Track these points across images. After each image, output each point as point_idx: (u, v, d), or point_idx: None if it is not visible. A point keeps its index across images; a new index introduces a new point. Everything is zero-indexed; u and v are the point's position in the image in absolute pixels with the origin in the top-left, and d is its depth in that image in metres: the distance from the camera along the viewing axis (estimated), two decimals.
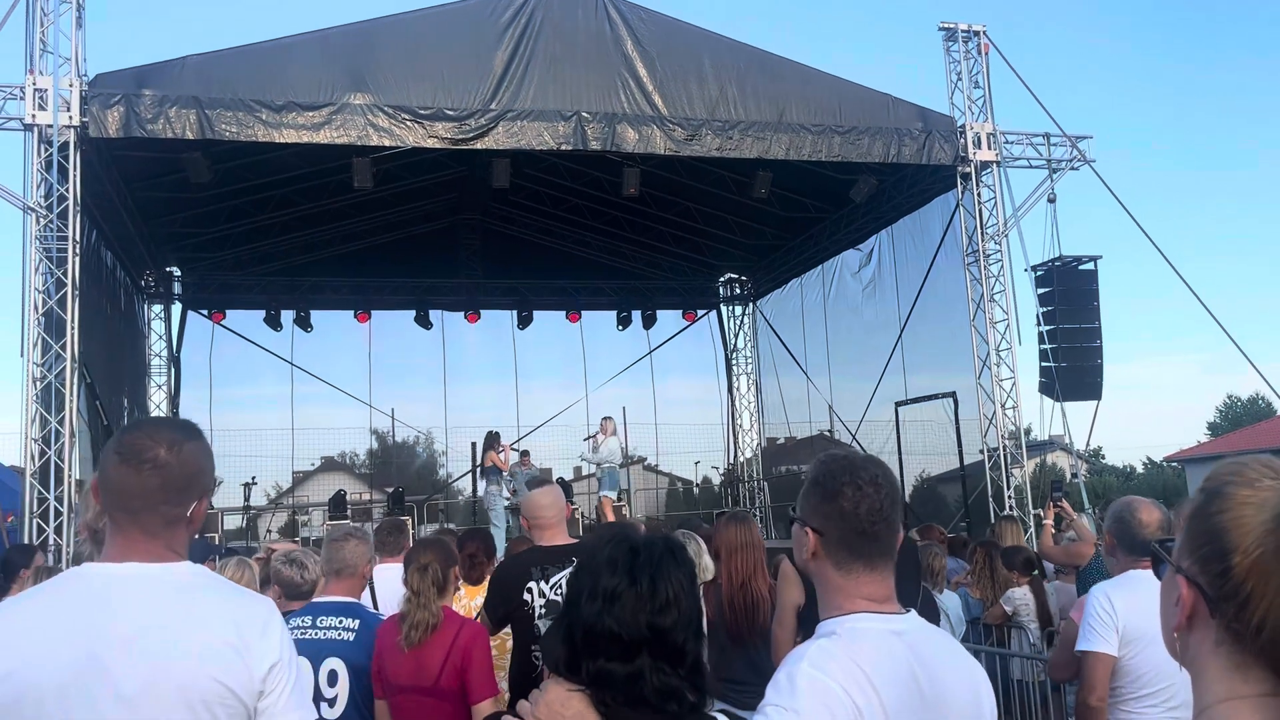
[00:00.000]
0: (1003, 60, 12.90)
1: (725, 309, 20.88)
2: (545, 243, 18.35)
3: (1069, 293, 12.83)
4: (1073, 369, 12.60)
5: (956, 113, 12.85)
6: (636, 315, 19.63)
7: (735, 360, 20.68)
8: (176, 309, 17.58)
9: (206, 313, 17.63)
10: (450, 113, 10.84)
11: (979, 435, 13.08)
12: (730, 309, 20.88)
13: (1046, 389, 12.63)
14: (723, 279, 20.61)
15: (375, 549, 4.47)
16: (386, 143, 10.89)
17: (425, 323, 18.49)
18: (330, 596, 3.87)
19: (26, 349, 9.87)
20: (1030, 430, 13.50)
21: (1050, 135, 13.11)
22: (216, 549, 11.35)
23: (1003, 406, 12.86)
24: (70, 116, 10.03)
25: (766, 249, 18.27)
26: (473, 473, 16.35)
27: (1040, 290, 12.85)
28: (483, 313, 18.81)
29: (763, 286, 19.85)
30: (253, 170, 13.25)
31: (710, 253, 18.57)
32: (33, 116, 9.99)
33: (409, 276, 18.30)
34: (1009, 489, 12.62)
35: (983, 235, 12.98)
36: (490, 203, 16.79)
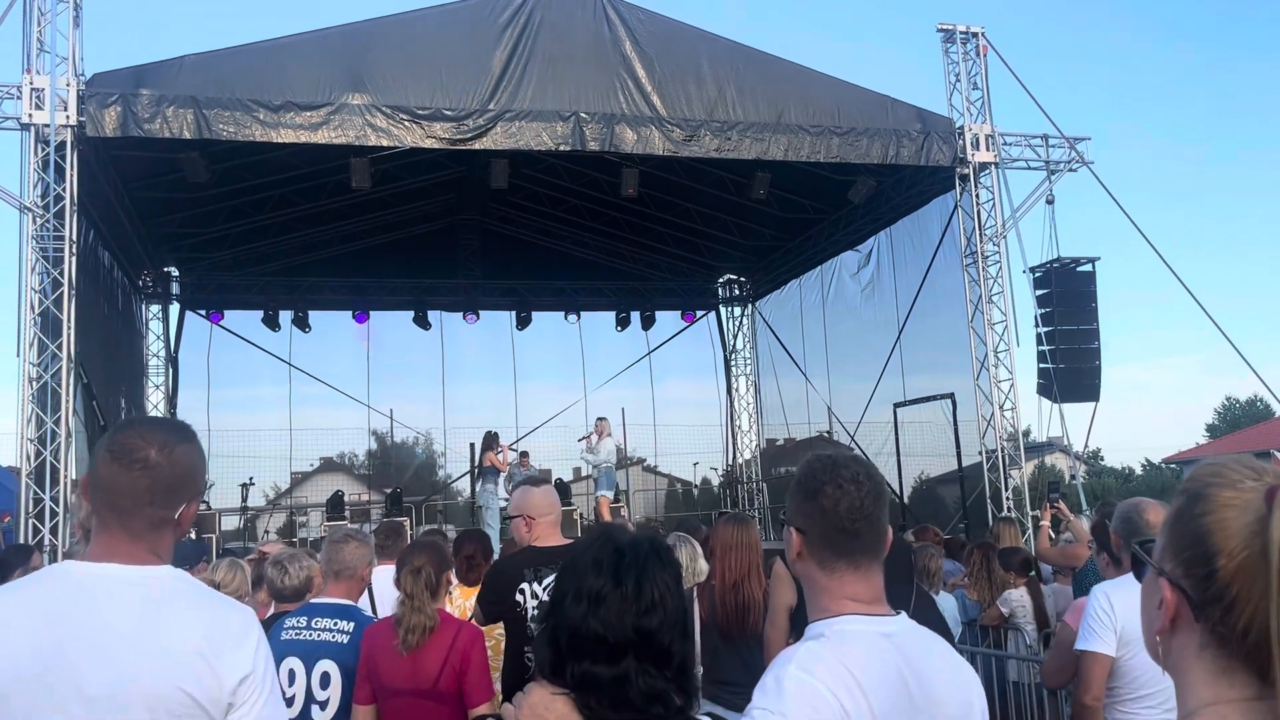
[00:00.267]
0: (1001, 62, 12.90)
1: (724, 310, 20.86)
2: (544, 243, 18.34)
3: (1067, 294, 12.80)
4: (1071, 370, 12.57)
5: (955, 114, 12.84)
6: (635, 316, 19.61)
7: (734, 361, 20.65)
8: (174, 309, 17.54)
9: (204, 313, 17.60)
10: (448, 113, 10.83)
11: (977, 437, 13.05)
12: (729, 310, 20.86)
13: (1045, 390, 12.61)
14: (721, 280, 20.59)
15: (374, 552, 4.44)
16: (385, 143, 10.87)
17: (424, 323, 18.45)
18: (328, 598, 3.86)
19: (22, 349, 9.84)
20: (1029, 432, 13.52)
21: (1049, 137, 13.11)
22: (208, 550, 11.30)
23: (1001, 408, 12.84)
24: (67, 116, 9.99)
25: (765, 250, 18.26)
26: (471, 473, 16.32)
27: (1039, 292, 12.83)
28: (481, 313, 18.79)
29: (761, 287, 19.83)
30: (251, 170, 13.23)
31: (709, 254, 18.54)
32: (30, 116, 9.95)
33: (407, 277, 18.27)
34: (1007, 490, 12.60)
35: (981, 236, 12.96)
36: (489, 203, 16.76)
